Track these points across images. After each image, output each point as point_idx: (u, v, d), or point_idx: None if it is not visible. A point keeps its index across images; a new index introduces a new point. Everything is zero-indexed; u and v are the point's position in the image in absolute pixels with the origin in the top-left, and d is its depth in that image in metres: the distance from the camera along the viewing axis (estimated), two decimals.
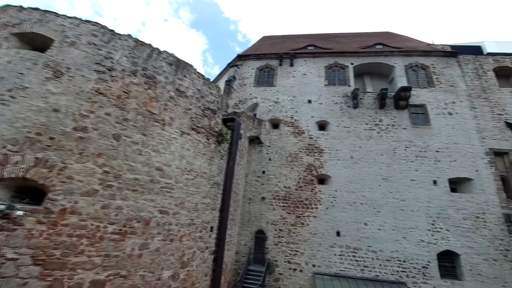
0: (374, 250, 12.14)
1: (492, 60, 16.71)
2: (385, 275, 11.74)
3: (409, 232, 12.22)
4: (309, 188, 13.74)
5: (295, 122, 15.58)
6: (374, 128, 14.57)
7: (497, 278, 11.35)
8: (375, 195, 13.03)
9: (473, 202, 12.53)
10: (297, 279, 12.29)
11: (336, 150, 14.33)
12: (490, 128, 14.17)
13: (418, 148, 13.82)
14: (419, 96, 15.30)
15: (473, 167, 13.21)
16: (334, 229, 12.74)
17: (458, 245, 11.87)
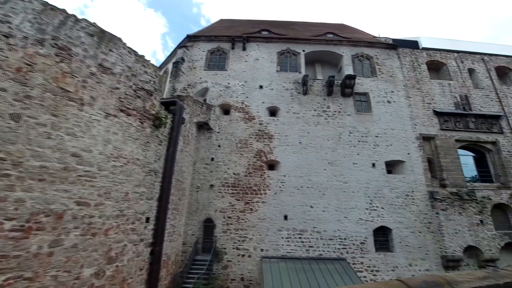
0: (318, 230, 12.66)
1: (425, 54, 18.33)
2: (328, 253, 12.35)
3: (350, 212, 12.99)
4: (258, 174, 13.66)
5: (246, 108, 15.23)
6: (322, 115, 14.98)
7: (421, 247, 12.77)
8: (320, 179, 13.51)
9: (404, 182, 13.79)
10: (246, 265, 12.26)
11: (285, 136, 14.41)
12: (421, 116, 15.63)
13: (360, 133, 14.62)
14: (363, 84, 16.11)
15: (405, 150, 14.48)
16: (282, 213, 12.93)
17: (391, 221, 13.01)
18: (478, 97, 17.05)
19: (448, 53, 18.67)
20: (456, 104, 16.45)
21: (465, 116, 15.99)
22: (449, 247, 12.47)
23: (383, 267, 12.30)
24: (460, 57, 18.57)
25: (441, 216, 12.92)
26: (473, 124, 15.89)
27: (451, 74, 17.66)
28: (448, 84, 17.13)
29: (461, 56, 18.63)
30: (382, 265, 12.33)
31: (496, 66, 18.79)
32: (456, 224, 12.87)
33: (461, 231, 12.79)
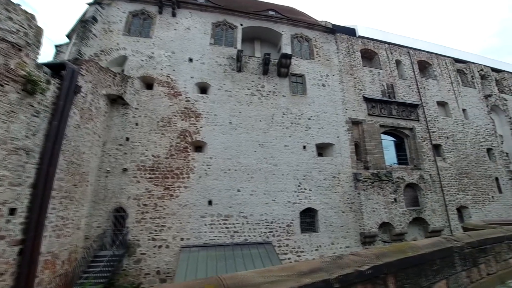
0: (245, 215, 12.00)
1: (361, 42, 18.84)
2: (254, 238, 11.84)
3: (278, 194, 12.63)
4: (181, 156, 12.21)
5: (171, 82, 13.39)
6: (256, 94, 14.10)
7: (343, 226, 13.24)
8: (250, 161, 12.76)
9: (332, 164, 14.01)
10: (163, 256, 10.95)
11: (215, 115, 13.16)
12: (352, 101, 16.03)
13: (294, 115, 14.25)
14: (300, 66, 15.69)
15: (335, 134, 14.68)
16: (206, 199, 11.85)
17: (318, 202, 13.12)
18: (402, 87, 18.33)
19: (380, 44, 19.55)
20: (383, 92, 17.38)
21: (390, 103, 17.01)
22: (367, 224, 13.18)
23: (308, 247, 12.38)
24: (390, 48, 19.63)
25: (362, 196, 13.53)
26: (395, 111, 17.02)
27: (381, 63, 18.55)
28: (378, 73, 17.95)
29: (391, 48, 19.72)
30: (307, 246, 12.39)
31: (418, 60, 20.48)
32: (374, 203, 13.65)
33: (378, 209, 13.62)
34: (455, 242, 3.20)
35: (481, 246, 3.58)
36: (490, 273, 3.61)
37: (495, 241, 3.98)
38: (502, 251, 4.06)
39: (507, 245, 4.22)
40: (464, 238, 3.42)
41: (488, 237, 3.83)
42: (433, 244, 2.91)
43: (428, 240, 3.00)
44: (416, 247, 2.69)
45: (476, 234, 3.75)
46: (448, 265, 2.90)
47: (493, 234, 4.08)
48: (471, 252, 3.35)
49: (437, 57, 21.51)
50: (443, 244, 3.01)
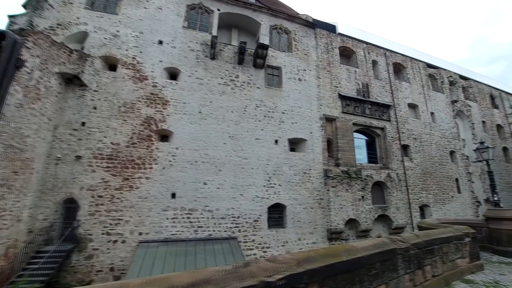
0: (210, 209, 11.51)
1: (340, 39, 18.79)
2: (219, 233, 11.41)
3: (247, 189, 12.26)
4: (144, 145, 11.38)
5: (137, 65, 12.38)
6: (229, 84, 13.50)
7: (311, 222, 13.21)
8: (219, 153, 12.23)
9: (304, 160, 13.87)
10: (118, 252, 10.18)
11: (183, 103, 12.40)
12: (327, 97, 15.97)
13: (267, 108, 13.86)
14: (277, 58, 15.28)
15: (309, 129, 14.54)
16: (169, 191, 11.17)
17: (287, 198, 12.94)
18: (376, 87, 18.63)
19: (359, 43, 19.66)
20: (358, 91, 17.52)
21: (364, 102, 17.20)
22: (334, 220, 13.26)
23: (274, 243, 12.19)
24: (368, 48, 19.81)
25: (331, 192, 13.57)
26: (369, 111, 17.26)
27: (358, 62, 18.68)
28: (354, 71, 18.05)
29: (369, 48, 19.91)
30: (273, 241, 12.20)
31: (394, 62, 20.92)
32: (342, 199, 13.76)
33: (345, 206, 13.75)
34: (400, 243, 2.95)
35: (428, 247, 3.40)
36: (435, 275, 3.45)
37: (444, 241, 3.84)
38: (449, 251, 3.95)
39: (455, 245, 4.13)
40: (411, 239, 3.20)
41: (436, 237, 3.67)
42: (375, 245, 2.62)
43: (369, 241, 2.71)
44: (353, 249, 2.38)
45: (425, 234, 3.56)
46: (389, 269, 2.63)
47: (443, 234, 3.96)
48: (416, 253, 3.13)
49: (411, 61, 22.15)
50: (386, 245, 2.73)
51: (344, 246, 2.46)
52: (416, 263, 3.10)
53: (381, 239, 2.88)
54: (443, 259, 3.69)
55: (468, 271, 4.21)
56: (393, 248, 2.77)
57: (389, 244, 2.80)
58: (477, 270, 4.45)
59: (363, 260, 2.30)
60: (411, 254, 3.03)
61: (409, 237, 3.26)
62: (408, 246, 3.01)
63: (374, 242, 2.73)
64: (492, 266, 5.15)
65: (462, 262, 4.19)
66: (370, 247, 2.53)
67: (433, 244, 3.52)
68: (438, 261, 3.57)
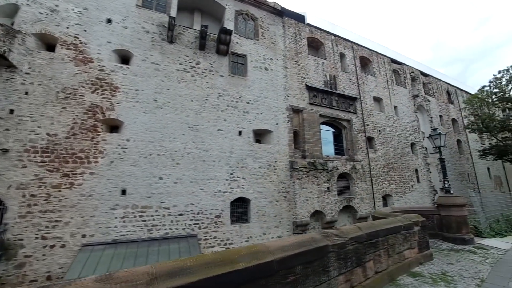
0: (167, 206, 10.59)
1: (308, 30, 18.49)
2: (176, 231, 10.57)
3: (208, 183, 11.51)
4: (88, 136, 10.07)
5: (80, 45, 10.87)
6: (189, 71, 12.49)
7: (276, 216, 12.87)
8: (176, 145, 11.28)
9: (269, 152, 13.42)
10: (57, 258, 8.91)
11: (136, 90, 11.20)
12: (294, 88, 15.62)
13: (231, 98, 13.11)
14: (242, 45, 14.51)
15: (275, 120, 14.09)
16: (118, 187, 10.04)
17: (251, 192, 12.42)
18: (343, 80, 18.72)
19: (327, 35, 19.55)
20: (325, 82, 17.43)
21: (331, 94, 17.16)
22: (299, 213, 13.06)
23: (237, 238, 11.64)
24: (336, 40, 19.80)
25: (297, 185, 13.32)
26: (336, 103, 17.28)
27: (326, 54, 18.58)
28: (322, 63, 17.92)
29: (337, 40, 19.92)
30: (237, 237, 11.65)
31: (361, 55, 21.21)
32: (308, 191, 13.60)
33: (311, 198, 13.62)
34: (335, 239, 2.45)
35: (371, 240, 2.97)
36: (379, 271, 3.05)
37: (390, 232, 3.48)
38: (397, 242, 3.61)
39: (403, 235, 3.82)
40: (350, 232, 2.73)
41: (381, 229, 3.28)
42: (299, 244, 2.08)
43: (292, 239, 2.17)
44: (263, 251, 1.81)
45: (368, 226, 3.14)
46: (316, 272, 2.11)
47: (390, 224, 3.60)
48: (356, 248, 2.67)
49: (377, 55, 22.68)
50: (315, 242, 2.20)
51: (251, 247, 1.90)
52: (355, 260, 2.65)
53: (311, 235, 2.36)
54: (388, 252, 3.34)
55: (416, 262, 3.96)
56: (323, 245, 2.26)
57: (320, 240, 2.29)
58: (426, 260, 4.24)
59: (273, 265, 1.74)
60: (348, 250, 2.56)
61: (348, 230, 2.80)
62: (345, 241, 2.54)
63: (299, 239, 2.20)
64: (442, 254, 5.07)
65: (411, 253, 3.92)
66: (290, 247, 1.99)
67: (377, 236, 3.13)
68: (382, 255, 3.19)
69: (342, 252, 2.47)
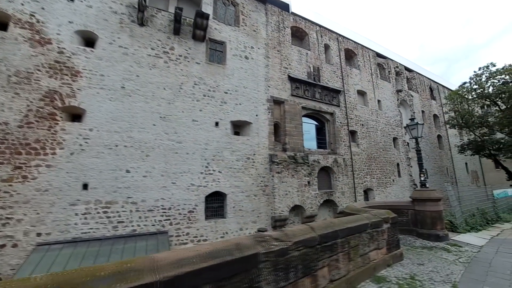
0: (134, 201, 9.87)
1: (292, 19, 17.84)
2: (145, 228, 9.90)
3: (180, 176, 10.85)
4: (45, 125, 9.11)
5: (37, 25, 9.75)
6: (162, 56, 11.62)
7: (254, 211, 12.43)
8: (146, 136, 10.51)
9: (248, 145, 12.87)
10: (8, 259, 8.05)
11: (101, 75, 10.25)
12: (276, 79, 15.05)
13: (207, 87, 12.38)
14: (221, 32, 13.71)
15: (254, 112, 13.51)
16: (79, 181, 9.21)
17: (227, 186, 11.88)
18: (327, 72, 18.33)
19: (312, 25, 18.99)
20: (309, 74, 16.97)
21: (314, 86, 16.73)
22: (278, 208, 12.68)
23: (212, 235, 11.12)
24: (321, 31, 19.30)
25: (276, 178, 12.90)
26: (319, 95, 16.88)
27: (310, 45, 18.06)
28: (306, 54, 17.41)
29: (322, 31, 19.42)
30: (211, 233, 11.13)
31: (346, 48, 20.86)
32: (288, 185, 13.22)
33: (291, 192, 13.26)
34: (273, 244, 1.92)
35: (326, 243, 2.48)
36: (335, 279, 2.58)
37: (353, 231, 3.02)
38: (361, 243, 3.17)
39: (369, 234, 3.39)
40: (297, 234, 2.23)
41: (342, 228, 2.81)
42: (213, 253, 1.54)
43: (207, 247, 1.64)
44: (141, 269, 1.24)
45: (325, 225, 2.66)
46: None
47: (353, 223, 3.15)
48: (304, 254, 2.17)
49: (363, 49, 22.42)
50: (238, 251, 1.67)
51: (122, 263, 1.34)
52: (301, 269, 2.16)
53: (237, 240, 1.84)
54: (349, 255, 2.89)
55: (384, 264, 3.58)
56: (251, 254, 1.74)
57: (248, 247, 1.77)
58: (395, 261, 3.88)
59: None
60: (292, 257, 2.06)
61: (295, 232, 2.31)
62: (287, 246, 2.02)
63: (216, 246, 1.67)
64: (414, 253, 4.76)
65: (377, 254, 3.53)
66: (195, 259, 1.45)
67: (335, 237, 2.66)
68: (341, 259, 2.74)
69: (282, 260, 1.97)
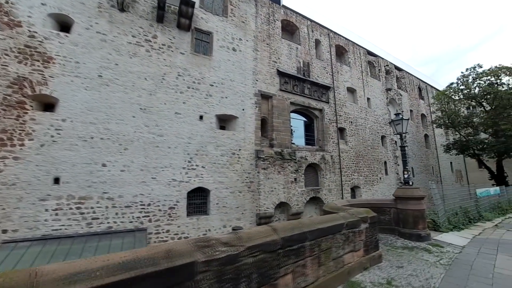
0: (111, 196, 9.38)
1: (283, 12, 17.43)
2: (122, 225, 9.44)
3: (161, 171, 10.40)
4: (13, 114, 8.46)
5: (6, 5, 8.97)
6: (143, 45, 11.03)
7: (239, 207, 12.14)
8: (125, 129, 9.97)
9: (233, 139, 12.52)
10: None
11: (76, 62, 9.61)
12: (264, 72, 14.67)
13: (192, 78, 11.89)
14: (208, 21, 13.17)
15: (241, 106, 13.13)
16: (50, 175, 8.64)
17: (211, 181, 11.52)
18: (317, 67, 18.09)
19: (303, 19, 18.64)
20: (298, 69, 16.67)
21: (304, 81, 16.46)
22: (263, 204, 12.44)
23: (194, 232, 10.77)
24: (312, 26, 18.98)
25: (261, 175, 12.62)
26: (308, 91, 16.63)
27: (301, 39, 17.74)
28: (296, 48, 17.08)
29: (313, 26, 19.10)
30: (193, 230, 10.78)
31: (337, 44, 20.64)
32: (274, 182, 12.98)
33: (276, 189, 13.03)
34: (218, 250, 1.59)
35: (291, 246, 2.18)
36: (301, 287, 2.27)
37: (325, 232, 2.74)
38: (334, 245, 2.90)
39: (344, 236, 3.12)
40: (253, 237, 1.92)
41: (311, 229, 2.52)
42: (130, 263, 1.24)
43: (126, 254, 1.30)
44: None
45: (291, 227, 2.36)
46: None
47: (326, 223, 2.87)
48: (261, 260, 1.86)
49: (354, 46, 22.28)
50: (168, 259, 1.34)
51: None
52: (256, 279, 1.86)
53: (169, 246, 1.50)
54: (320, 260, 2.61)
55: (360, 267, 3.35)
56: (184, 263, 1.41)
57: (182, 254, 1.44)
58: (373, 263, 3.66)
59: None
60: (243, 265, 1.75)
61: (252, 234, 1.99)
62: (236, 252, 1.71)
63: (139, 255, 1.33)
64: (394, 254, 4.57)
65: (353, 257, 3.29)
66: (96, 273, 1.10)
67: (302, 239, 2.37)
68: (310, 264, 2.45)
69: (230, 269, 1.66)
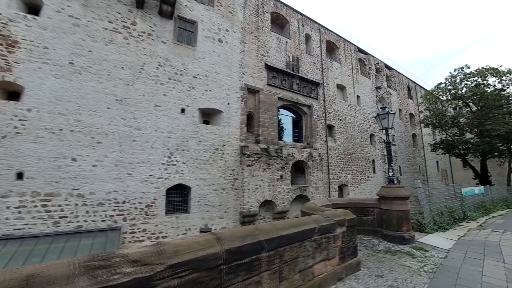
0: (81, 194, 8.73)
1: (273, 4, 16.88)
2: (93, 224, 8.82)
3: (138, 167, 9.80)
4: None
5: None
6: (121, 31, 10.31)
7: (222, 205, 11.68)
8: (98, 121, 9.30)
9: (217, 134, 12.01)
10: None
11: (45, 47, 8.83)
12: (251, 66, 14.16)
13: (174, 69, 11.26)
14: (193, 10, 12.51)
15: (226, 99, 12.60)
16: (13, 170, 7.92)
17: (192, 178, 11.00)
18: (307, 63, 17.70)
19: (294, 12, 18.16)
20: (287, 64, 16.24)
21: (292, 76, 16.05)
22: (247, 202, 12.04)
23: (173, 231, 10.26)
24: (302, 20, 18.53)
25: (246, 172, 12.19)
26: (296, 86, 16.24)
27: (291, 33, 17.28)
28: (286, 42, 16.62)
29: (304, 20, 18.66)
30: (172, 230, 10.26)
31: (327, 40, 20.29)
32: (259, 179, 12.58)
33: (261, 187, 12.64)
34: (120, 273, 1.19)
35: (239, 260, 1.73)
36: None
37: (290, 240, 2.32)
38: (301, 254, 2.49)
39: (316, 242, 2.72)
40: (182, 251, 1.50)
41: (271, 237, 2.09)
42: None
43: None
44: None
45: (243, 235, 1.93)
46: None
47: (293, 228, 2.45)
48: (194, 281, 1.42)
49: (345, 42, 22.00)
50: None
51: None
52: None
53: (32, 270, 0.97)
54: (281, 273, 2.20)
55: (333, 279, 2.98)
56: None
57: (50, 283, 0.96)
58: (350, 273, 3.31)
59: None
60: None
61: (182, 246, 1.54)
62: (149, 274, 1.28)
63: None
64: (375, 259, 4.25)
65: (326, 267, 2.91)
66: None
67: (257, 251, 1.95)
68: (267, 280, 2.03)
69: None
